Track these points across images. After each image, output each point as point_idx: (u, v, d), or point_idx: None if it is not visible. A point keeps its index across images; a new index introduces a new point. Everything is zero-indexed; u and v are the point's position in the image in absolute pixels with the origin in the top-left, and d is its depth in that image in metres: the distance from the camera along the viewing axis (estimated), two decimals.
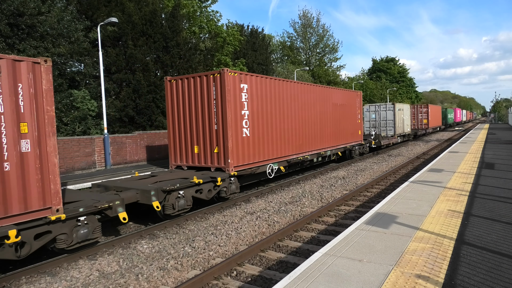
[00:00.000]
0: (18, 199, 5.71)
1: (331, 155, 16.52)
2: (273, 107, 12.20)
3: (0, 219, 5.51)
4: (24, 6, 15.14)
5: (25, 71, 5.82)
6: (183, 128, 11.09)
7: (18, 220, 5.72)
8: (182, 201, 8.69)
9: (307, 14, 55.88)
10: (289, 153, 13.05)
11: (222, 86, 10.02)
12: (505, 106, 76.96)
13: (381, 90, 59.34)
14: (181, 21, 23.58)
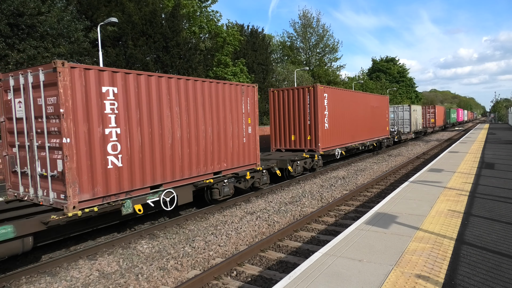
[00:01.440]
0: (249, 157, 11.21)
1: (369, 145, 20.98)
2: (340, 109, 16.61)
3: (243, 166, 10.96)
4: (24, 6, 15.15)
5: (252, 91, 11.42)
6: (282, 123, 15.45)
7: (248, 168, 11.21)
8: (299, 168, 13.85)
9: (307, 14, 55.90)
10: (347, 142, 17.47)
11: (315, 95, 14.57)
12: (505, 106, 76.94)
13: (381, 90, 59.35)
14: (181, 21, 23.60)
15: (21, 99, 7.01)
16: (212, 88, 9.69)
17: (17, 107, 7.15)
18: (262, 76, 34.25)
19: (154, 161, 7.95)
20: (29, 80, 6.80)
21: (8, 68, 14.67)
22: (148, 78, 7.87)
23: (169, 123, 8.32)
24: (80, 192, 6.47)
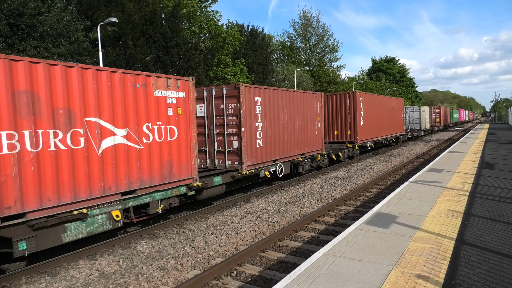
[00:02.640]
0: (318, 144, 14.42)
1: (390, 140, 25.06)
2: (370, 110, 20.18)
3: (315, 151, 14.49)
4: (24, 6, 15.14)
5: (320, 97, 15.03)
6: (326, 121, 18.63)
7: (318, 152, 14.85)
8: (345, 155, 17.85)
9: (307, 14, 55.88)
10: (375, 136, 21.11)
11: (354, 99, 18.28)
12: (505, 106, 76.96)
13: (381, 90, 59.34)
14: (181, 21, 23.60)
15: (203, 105, 11.35)
16: (299, 96, 13.76)
17: (198, 110, 11.22)
18: (262, 76, 34.25)
19: (275, 144, 12.28)
20: (212, 93, 11.17)
21: None
22: (274, 91, 12.30)
23: (281, 120, 12.60)
24: (247, 161, 10.85)
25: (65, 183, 6.22)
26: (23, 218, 5.70)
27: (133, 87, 7.37)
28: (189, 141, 8.71)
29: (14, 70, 5.59)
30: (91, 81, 6.63)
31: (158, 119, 7.92)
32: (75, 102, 6.39)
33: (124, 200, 7.25)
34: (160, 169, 7.93)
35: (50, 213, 6.00)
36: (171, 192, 8.33)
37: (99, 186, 6.74)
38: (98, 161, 6.73)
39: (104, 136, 6.86)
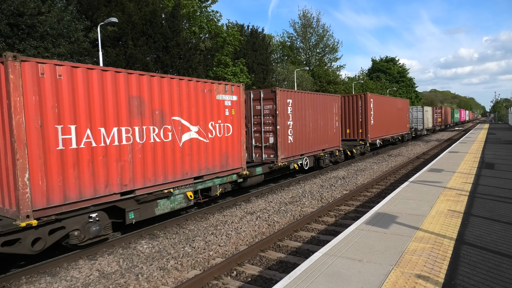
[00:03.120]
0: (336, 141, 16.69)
1: (396, 138, 26.48)
2: (379, 110, 21.50)
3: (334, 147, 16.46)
4: (24, 6, 15.15)
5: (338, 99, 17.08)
6: (341, 120, 19.18)
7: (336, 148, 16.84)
8: (358, 151, 19.13)
9: (307, 14, 55.93)
10: (383, 135, 22.55)
11: (365, 100, 19.61)
12: (505, 106, 76.98)
13: (381, 90, 59.34)
14: (181, 21, 23.60)
15: None
16: (321, 98, 15.50)
17: None
18: (262, 76, 34.25)
19: (302, 140, 13.84)
20: (251, 96, 12.62)
21: None
22: (302, 94, 14.02)
23: (307, 119, 14.21)
24: (281, 154, 12.44)
25: (159, 168, 7.90)
26: (132, 194, 7.37)
27: (202, 92, 9.05)
28: (240, 137, 10.43)
29: (129, 81, 7.24)
30: (175, 88, 8.27)
31: (219, 118, 9.65)
32: (165, 105, 8.03)
33: (195, 183, 8.97)
34: (219, 159, 9.69)
35: (149, 191, 7.71)
36: (226, 179, 10.07)
37: (180, 171, 8.45)
38: (180, 152, 8.45)
39: (184, 131, 8.58)
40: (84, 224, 6.58)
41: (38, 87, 5.84)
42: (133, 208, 7.40)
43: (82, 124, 6.45)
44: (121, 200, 7.13)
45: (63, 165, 6.15)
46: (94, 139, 6.64)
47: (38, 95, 5.83)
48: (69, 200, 6.22)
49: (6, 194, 5.91)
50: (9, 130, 5.65)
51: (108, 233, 7.01)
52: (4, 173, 5.90)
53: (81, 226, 6.55)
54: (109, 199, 6.91)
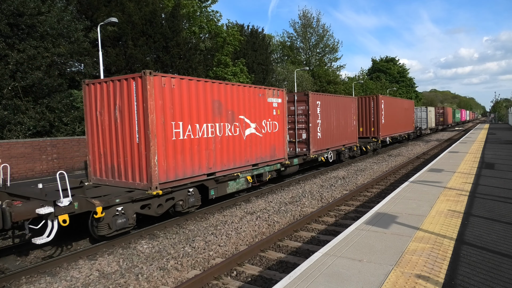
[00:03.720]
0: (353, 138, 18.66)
1: (403, 136, 28.61)
2: (389, 110, 23.61)
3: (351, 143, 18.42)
4: (24, 6, 15.14)
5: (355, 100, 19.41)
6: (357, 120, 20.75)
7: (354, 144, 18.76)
8: (371, 148, 20.87)
9: (307, 14, 55.90)
10: (392, 133, 24.63)
11: (377, 101, 21.72)
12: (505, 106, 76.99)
13: (381, 90, 59.32)
14: (181, 21, 23.59)
15: None
16: (342, 99, 17.63)
17: None
18: (262, 76, 34.25)
19: (328, 136, 15.92)
20: (285, 98, 12.96)
21: (8, 68, 14.67)
22: (328, 96, 16.42)
23: (332, 118, 16.29)
24: (312, 148, 14.59)
25: (230, 156, 10.00)
26: (213, 176, 9.43)
27: (258, 96, 11.21)
28: (283, 133, 12.57)
29: (212, 88, 9.33)
30: (240, 93, 10.40)
31: (269, 117, 11.76)
32: (234, 106, 10.13)
33: (252, 169, 11.08)
34: (269, 150, 11.76)
35: (224, 174, 9.79)
36: (273, 167, 12.18)
37: (244, 159, 10.60)
38: (244, 143, 10.58)
39: (246, 127, 10.70)
40: (185, 196, 8.70)
41: (162, 94, 7.89)
42: (213, 187, 9.52)
43: (185, 121, 8.52)
44: (207, 179, 9.29)
45: (175, 151, 8.22)
46: (192, 132, 8.75)
47: (162, 100, 7.89)
48: (178, 177, 8.32)
49: (137, 173, 7.97)
50: (143, 125, 7.71)
51: (200, 204, 9.17)
52: (136, 159, 7.94)
53: (184, 198, 8.66)
54: (200, 179, 9.07)
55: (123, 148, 8.13)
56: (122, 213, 7.23)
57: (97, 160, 8.80)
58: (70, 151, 15.10)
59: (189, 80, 8.64)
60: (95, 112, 8.71)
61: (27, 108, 15.57)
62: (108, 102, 8.37)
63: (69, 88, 17.64)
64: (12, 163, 13.29)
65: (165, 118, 7.96)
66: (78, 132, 17.32)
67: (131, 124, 7.95)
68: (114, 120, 8.25)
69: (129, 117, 7.97)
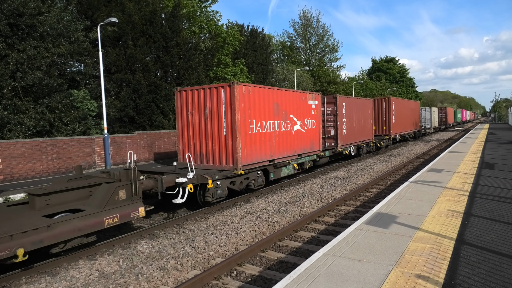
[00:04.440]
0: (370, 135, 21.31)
1: (410, 134, 31.00)
2: (399, 110, 26.22)
3: (368, 139, 20.84)
4: (24, 6, 15.13)
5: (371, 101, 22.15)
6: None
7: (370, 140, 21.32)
8: (384, 144, 23.29)
9: (307, 14, 55.91)
10: (401, 131, 27.23)
11: (389, 102, 24.48)
12: (505, 106, 76.97)
13: (381, 90, 59.30)
14: (181, 21, 23.58)
15: None
16: (362, 101, 20.34)
17: None
18: (262, 76, 34.24)
19: (350, 133, 18.27)
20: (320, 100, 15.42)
21: (8, 68, 14.66)
22: (351, 98, 18.89)
23: (354, 117, 18.68)
24: (339, 142, 16.82)
25: (284, 147, 12.51)
26: (273, 162, 11.93)
27: (301, 99, 13.74)
28: (319, 129, 15.07)
29: (273, 93, 11.96)
30: (290, 96, 12.95)
31: (309, 116, 14.19)
32: (286, 107, 12.63)
33: (297, 158, 13.45)
34: (309, 143, 14.24)
35: (280, 161, 12.37)
36: (311, 157, 14.50)
37: (292, 150, 13.08)
38: (292, 137, 13.07)
39: (294, 124, 13.17)
40: (255, 177, 11.25)
41: (243, 98, 10.40)
42: (272, 171, 12.02)
43: (257, 118, 11.05)
44: (269, 165, 11.82)
45: (250, 142, 10.74)
46: (261, 127, 11.22)
47: (243, 103, 10.41)
48: (252, 162, 10.86)
49: (224, 158, 10.49)
50: (231, 122, 10.22)
51: (264, 183, 11.67)
52: (224, 148, 10.44)
53: (254, 178, 11.23)
54: (265, 164, 11.59)
55: (212, 140, 10.67)
56: (219, 186, 9.75)
57: (186, 149, 11.33)
58: (70, 151, 15.10)
59: (259, 88, 11.20)
60: (186, 112, 11.19)
61: (27, 108, 15.56)
62: (199, 104, 10.84)
63: (69, 88, 17.63)
64: (12, 163, 13.30)
65: (245, 117, 10.48)
66: (78, 132, 17.32)
67: (220, 121, 10.42)
68: (204, 118, 10.75)
69: (218, 116, 10.45)
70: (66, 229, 6.10)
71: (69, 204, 7.15)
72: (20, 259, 5.36)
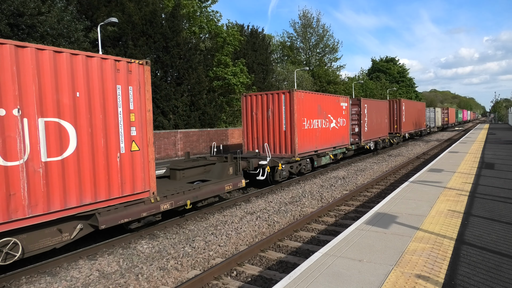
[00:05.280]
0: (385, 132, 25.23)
1: (418, 132, 34.20)
2: (408, 110, 29.47)
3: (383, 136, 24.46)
4: (24, 6, 15.14)
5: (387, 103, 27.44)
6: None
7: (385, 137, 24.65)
8: (396, 141, 27.05)
9: (307, 14, 55.91)
10: (410, 129, 30.44)
11: (400, 104, 27.23)
12: (505, 106, 76.96)
13: (381, 90, 59.29)
14: (181, 21, 23.58)
15: None
16: (380, 103, 23.37)
17: None
18: (262, 76, 34.25)
19: (371, 130, 21.00)
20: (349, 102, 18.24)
21: None
22: (371, 100, 21.34)
23: (373, 116, 21.38)
24: (362, 138, 19.89)
25: (324, 140, 15.39)
26: (317, 152, 14.79)
27: (336, 101, 16.60)
28: (348, 126, 18.13)
29: (316, 98, 14.76)
30: (328, 99, 15.91)
31: (341, 115, 17.12)
32: (325, 108, 15.40)
33: (332, 150, 16.37)
34: (340, 138, 17.17)
35: (322, 152, 15.28)
36: (342, 150, 17.43)
37: (329, 143, 16.00)
38: (329, 133, 15.90)
39: (330, 122, 15.97)
40: (306, 164, 14.23)
41: (298, 102, 13.16)
42: (316, 159, 14.76)
43: (307, 117, 13.87)
44: (314, 154, 14.68)
45: (303, 136, 13.55)
46: (309, 125, 14.09)
47: (298, 105, 13.13)
48: (304, 151, 13.73)
49: (284, 148, 13.28)
50: (290, 120, 13.02)
51: (311, 169, 14.94)
52: (283, 140, 13.24)
53: (305, 164, 14.23)
54: (312, 153, 14.47)
55: (273, 134, 13.50)
56: (284, 169, 12.69)
57: (250, 142, 14.07)
58: None
59: (308, 93, 14.11)
60: (251, 112, 13.95)
61: None
62: (262, 106, 13.63)
63: None
64: None
65: (300, 116, 13.26)
66: None
67: (280, 120, 13.28)
68: (267, 117, 13.58)
69: (279, 115, 13.29)
70: (207, 190, 9.14)
71: (196, 176, 10.30)
72: (188, 207, 8.55)
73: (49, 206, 5.78)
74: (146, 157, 7.33)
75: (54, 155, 5.83)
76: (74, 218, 6.32)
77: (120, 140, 6.83)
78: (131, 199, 7.11)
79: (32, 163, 5.57)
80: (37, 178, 5.62)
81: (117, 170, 6.76)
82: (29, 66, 5.55)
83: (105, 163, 6.55)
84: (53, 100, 5.83)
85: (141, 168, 7.20)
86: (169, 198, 7.90)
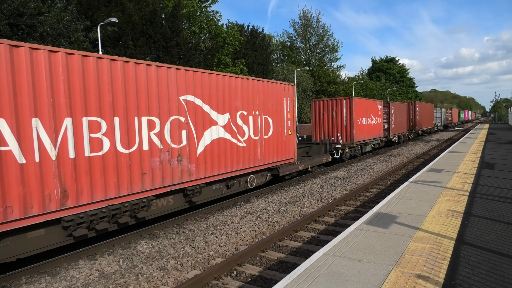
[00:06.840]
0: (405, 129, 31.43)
1: (428, 130, 39.24)
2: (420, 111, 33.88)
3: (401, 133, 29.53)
4: (24, 6, 15.14)
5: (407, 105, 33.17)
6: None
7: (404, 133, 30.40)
8: (413, 136, 33.06)
9: (307, 14, 55.94)
10: (422, 127, 34.94)
11: (415, 106, 32.36)
12: (505, 106, 76.96)
13: (381, 90, 59.30)
14: (181, 21, 23.59)
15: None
16: (401, 104, 28.67)
17: None
18: (262, 76, 34.23)
19: (395, 127, 26.36)
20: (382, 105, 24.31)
21: None
22: (396, 103, 27.04)
23: (396, 116, 26.42)
24: (390, 133, 25.33)
25: (368, 133, 20.43)
26: (364, 142, 20.27)
27: (375, 105, 21.59)
28: (382, 124, 22.57)
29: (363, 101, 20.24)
30: (371, 102, 21.22)
31: (377, 115, 21.86)
32: (368, 109, 20.52)
33: (372, 141, 21.28)
34: (377, 132, 21.80)
35: (367, 141, 20.65)
36: (378, 141, 21.44)
37: (371, 135, 21.07)
38: (371, 127, 21.01)
39: (371, 120, 21.16)
40: (358, 149, 19.55)
41: (356, 105, 18.39)
42: (363, 147, 19.33)
43: (360, 116, 18.87)
44: (362, 143, 18.61)
45: (358, 129, 18.56)
46: (361, 121, 18.98)
47: (356, 107, 18.63)
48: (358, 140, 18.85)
49: (344, 137, 18.32)
50: (349, 118, 18.26)
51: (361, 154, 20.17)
52: (344, 132, 18.34)
53: (358, 150, 19.21)
54: (361, 142, 19.36)
55: (336, 128, 18.49)
56: (348, 152, 17.60)
57: (318, 134, 19.01)
58: None
59: (360, 98, 18.99)
60: (319, 113, 18.89)
61: None
62: (328, 108, 18.69)
63: None
64: None
65: (356, 115, 18.20)
66: None
67: (342, 118, 18.25)
68: (331, 116, 18.58)
69: (340, 115, 18.28)
70: (316, 160, 14.74)
71: (302, 153, 15.92)
72: (309, 170, 14.58)
73: (266, 160, 11.53)
74: (294, 139, 12.92)
75: (265, 135, 11.39)
76: (267, 170, 11.93)
77: (285, 128, 12.33)
78: (288, 162, 12.69)
79: (260, 140, 11.16)
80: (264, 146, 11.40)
81: (284, 144, 12.29)
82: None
83: (281, 141, 12.18)
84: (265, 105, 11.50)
85: (292, 145, 12.81)
86: (302, 163, 13.47)
